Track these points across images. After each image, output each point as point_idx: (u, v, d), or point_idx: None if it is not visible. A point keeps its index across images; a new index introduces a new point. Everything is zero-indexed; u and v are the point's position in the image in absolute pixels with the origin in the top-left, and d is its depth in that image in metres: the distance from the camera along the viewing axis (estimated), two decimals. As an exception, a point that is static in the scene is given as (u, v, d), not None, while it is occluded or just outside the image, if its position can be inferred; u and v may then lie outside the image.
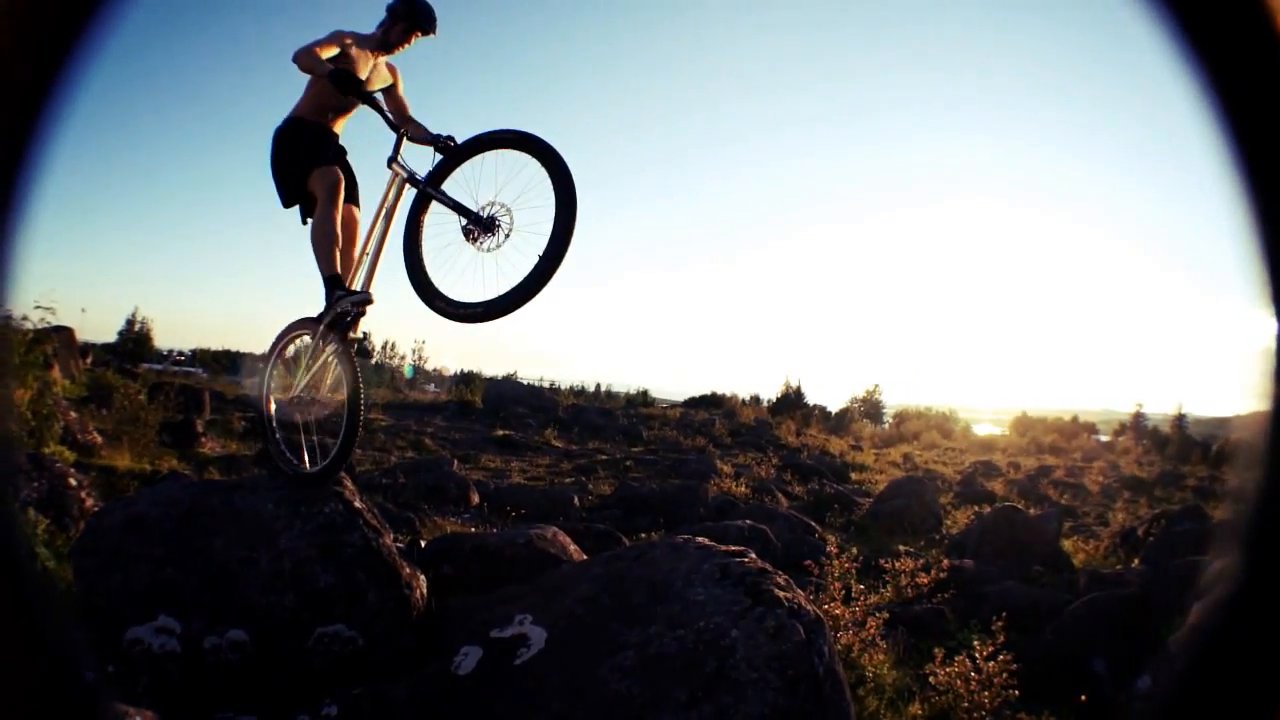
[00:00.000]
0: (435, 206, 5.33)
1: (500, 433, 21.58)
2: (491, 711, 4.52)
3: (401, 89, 5.98)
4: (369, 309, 5.59)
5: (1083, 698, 6.65)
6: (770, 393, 52.59)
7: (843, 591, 7.43)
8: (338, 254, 5.63)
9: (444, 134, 5.52)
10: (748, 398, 48.78)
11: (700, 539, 5.39)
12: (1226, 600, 1.12)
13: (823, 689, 4.34)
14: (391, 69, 5.94)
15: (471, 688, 4.70)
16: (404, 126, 5.66)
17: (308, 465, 5.77)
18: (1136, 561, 12.82)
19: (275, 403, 6.13)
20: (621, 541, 9.76)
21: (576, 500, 13.99)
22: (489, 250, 5.06)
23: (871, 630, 7.00)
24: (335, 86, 5.34)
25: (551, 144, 4.90)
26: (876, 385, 61.64)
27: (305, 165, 5.72)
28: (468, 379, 34.44)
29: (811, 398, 52.95)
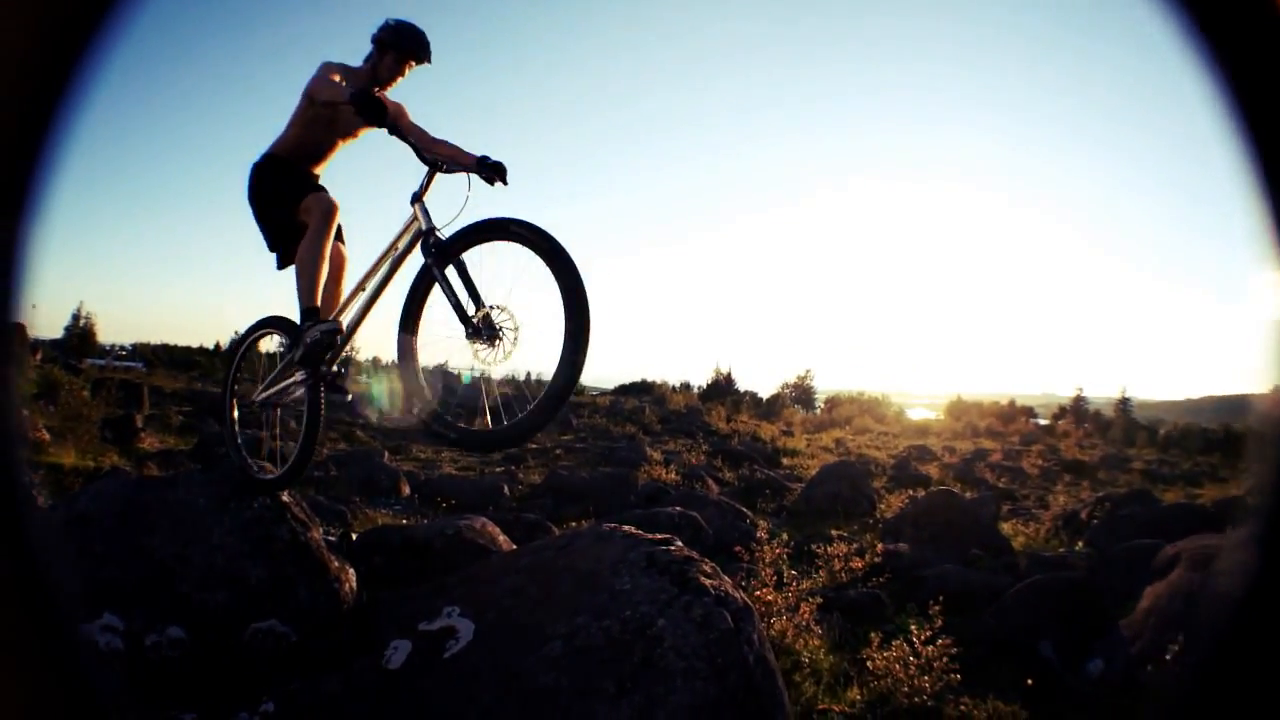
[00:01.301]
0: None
1: None
2: (423, 705, 4.59)
3: (410, 118, 5.67)
4: (338, 343, 5.44)
5: (1029, 681, 6.94)
6: (701, 379, 53.82)
7: (775, 577, 7.60)
8: (321, 287, 5.48)
9: (490, 157, 5.23)
10: (678, 384, 50.20)
11: (626, 527, 5.47)
12: (1244, 589, 1.19)
13: (753, 676, 4.44)
14: (394, 103, 5.60)
15: (403, 682, 4.78)
16: (435, 150, 5.31)
17: (267, 470, 5.94)
18: (1080, 545, 13.33)
19: (238, 401, 6.32)
20: (551, 531, 9.99)
21: (506, 490, 14.56)
22: (485, 363, 4.88)
23: (805, 615, 7.15)
24: (361, 112, 5.02)
25: (574, 263, 4.53)
26: (808, 371, 62.98)
27: (291, 200, 5.63)
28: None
29: (742, 384, 54.40)
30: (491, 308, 4.76)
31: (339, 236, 5.81)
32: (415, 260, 5.12)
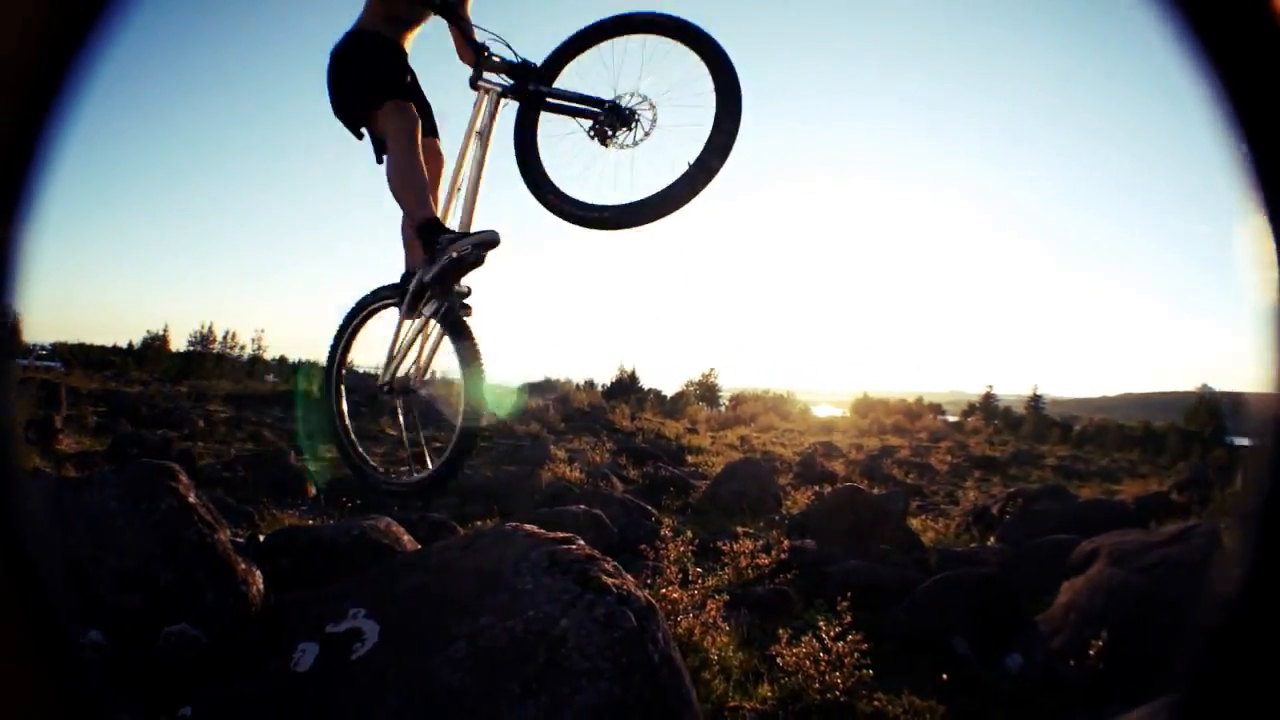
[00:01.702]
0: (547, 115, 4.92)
1: None
2: (332, 708, 4.57)
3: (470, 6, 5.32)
4: (492, 252, 4.91)
5: (945, 677, 7.00)
6: (605, 377, 54.65)
7: (680, 575, 7.63)
8: (429, 196, 5.06)
9: (523, 57, 5.05)
10: (582, 382, 52.03)
11: (528, 526, 5.49)
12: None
13: (659, 675, 4.48)
14: None
15: (312, 685, 4.74)
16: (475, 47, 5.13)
17: (404, 474, 5.56)
18: (993, 540, 13.56)
19: (347, 399, 5.78)
20: (455, 531, 10.01)
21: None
22: (626, 147, 4.69)
23: (712, 613, 7.14)
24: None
25: (699, 26, 4.44)
26: (712, 369, 63.87)
27: (375, 92, 5.12)
28: (306, 368, 35.53)
29: (647, 382, 55.25)
30: (622, 94, 4.63)
31: (432, 132, 5.44)
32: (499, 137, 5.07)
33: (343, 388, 5.72)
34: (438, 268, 4.90)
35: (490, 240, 4.79)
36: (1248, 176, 1.11)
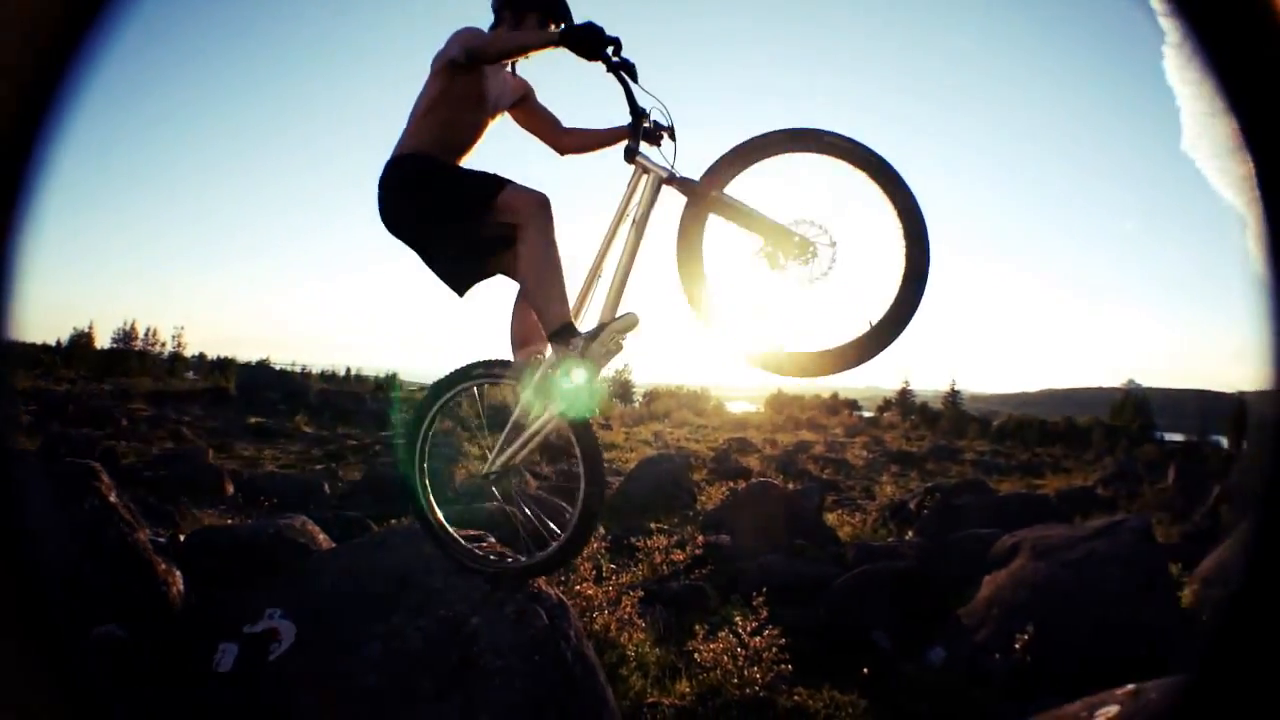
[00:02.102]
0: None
1: (253, 420, 23.27)
2: (255, 710, 4.55)
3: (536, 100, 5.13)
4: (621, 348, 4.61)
5: (865, 671, 7.08)
6: None
7: (594, 571, 7.66)
8: (569, 294, 4.68)
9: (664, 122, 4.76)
10: None
11: None
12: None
13: (573, 673, 4.55)
14: (519, 80, 5.10)
15: (233, 686, 4.72)
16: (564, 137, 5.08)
17: (517, 556, 5.19)
18: (911, 534, 13.74)
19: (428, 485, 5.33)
20: (371, 529, 10.20)
21: (327, 487, 14.82)
22: (807, 281, 4.28)
23: (628, 609, 7.17)
24: (580, 45, 4.33)
25: (882, 155, 4.22)
26: (626, 365, 64.10)
27: (473, 205, 4.65)
28: (223, 365, 35.83)
29: None
30: (799, 222, 4.30)
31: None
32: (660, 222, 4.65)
33: (426, 464, 5.38)
34: (573, 356, 4.57)
35: (630, 325, 4.59)
36: (1248, 179, 1.16)
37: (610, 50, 4.36)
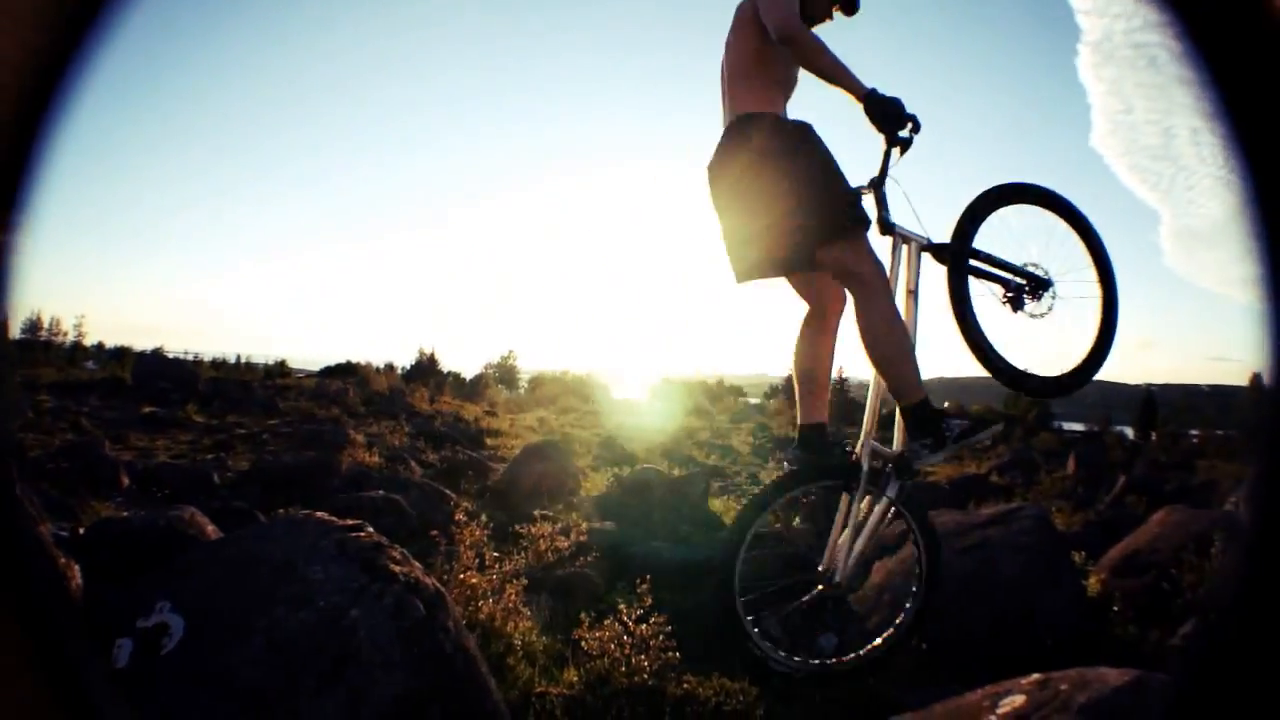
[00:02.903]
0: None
1: (147, 409, 22.98)
2: (152, 706, 4.44)
3: None
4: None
5: (755, 657, 7.08)
6: (405, 360, 55.68)
7: (477, 560, 7.62)
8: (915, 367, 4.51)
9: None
10: (382, 365, 51.89)
11: (319, 514, 5.47)
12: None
13: (453, 665, 4.55)
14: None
15: (131, 682, 4.60)
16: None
17: (830, 657, 5.33)
18: (797, 520, 13.89)
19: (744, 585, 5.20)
20: (258, 519, 9.94)
21: (216, 477, 14.45)
22: (1033, 316, 4.94)
23: (512, 598, 7.15)
24: (882, 117, 4.28)
25: (1077, 205, 4.85)
26: (511, 351, 64.53)
27: (854, 215, 4.44)
28: (119, 355, 36.19)
29: (446, 364, 56.27)
30: (1027, 264, 4.77)
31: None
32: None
33: (741, 560, 5.33)
34: (941, 456, 4.88)
35: (998, 432, 4.86)
36: (1241, 185, 1.15)
37: (907, 130, 4.39)
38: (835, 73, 4.32)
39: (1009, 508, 9.81)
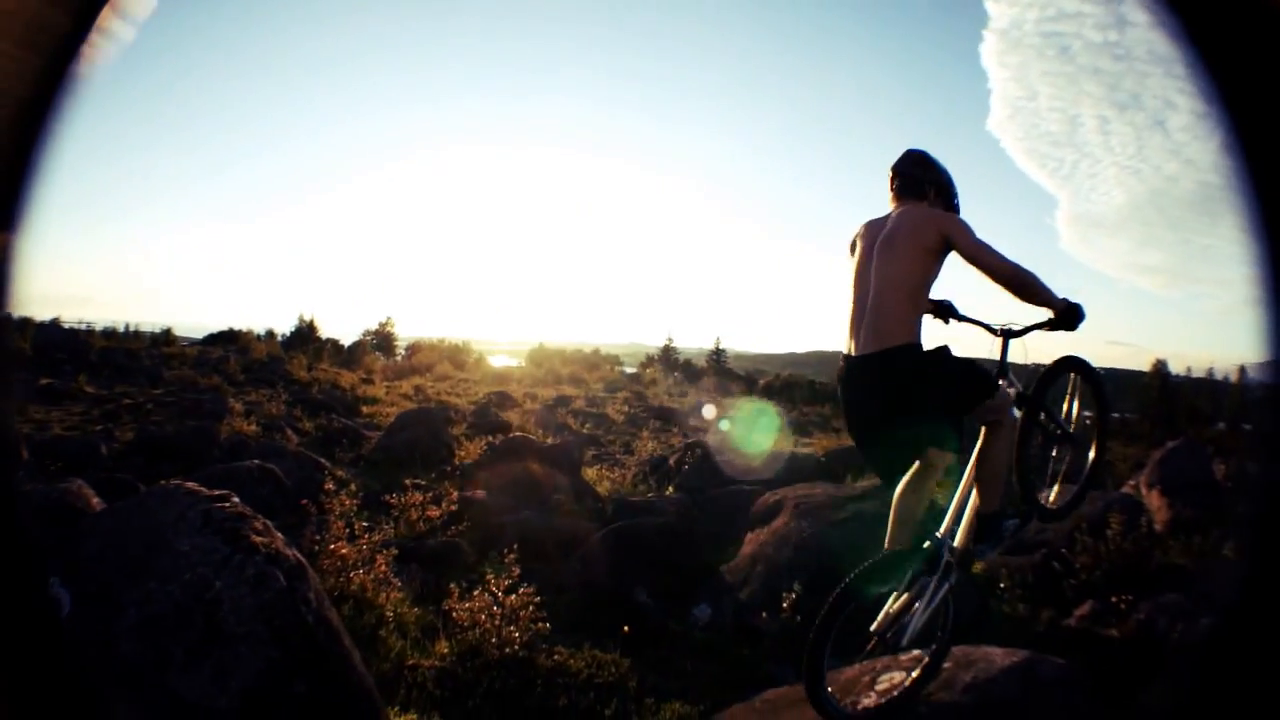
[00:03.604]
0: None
1: (45, 381, 22.54)
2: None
3: None
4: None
5: (626, 629, 7.07)
6: (286, 326, 55.21)
7: (347, 530, 7.52)
8: None
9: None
10: (263, 333, 52.55)
11: (189, 484, 5.29)
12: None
13: (315, 637, 4.48)
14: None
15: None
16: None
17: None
18: (671, 490, 13.96)
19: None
20: (139, 491, 9.57)
21: (104, 449, 14.33)
22: (1052, 457, 5.45)
23: (382, 568, 7.08)
24: (1072, 325, 4.75)
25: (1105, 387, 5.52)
26: (389, 318, 64.09)
27: (991, 382, 4.95)
28: (21, 325, 35.52)
29: (325, 331, 55.88)
30: (1071, 423, 5.37)
31: None
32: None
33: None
34: (994, 549, 5.27)
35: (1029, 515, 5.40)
36: (1239, 185, 1.16)
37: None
38: (1033, 290, 4.76)
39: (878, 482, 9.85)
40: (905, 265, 4.72)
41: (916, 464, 4.95)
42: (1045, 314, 4.81)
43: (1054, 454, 5.46)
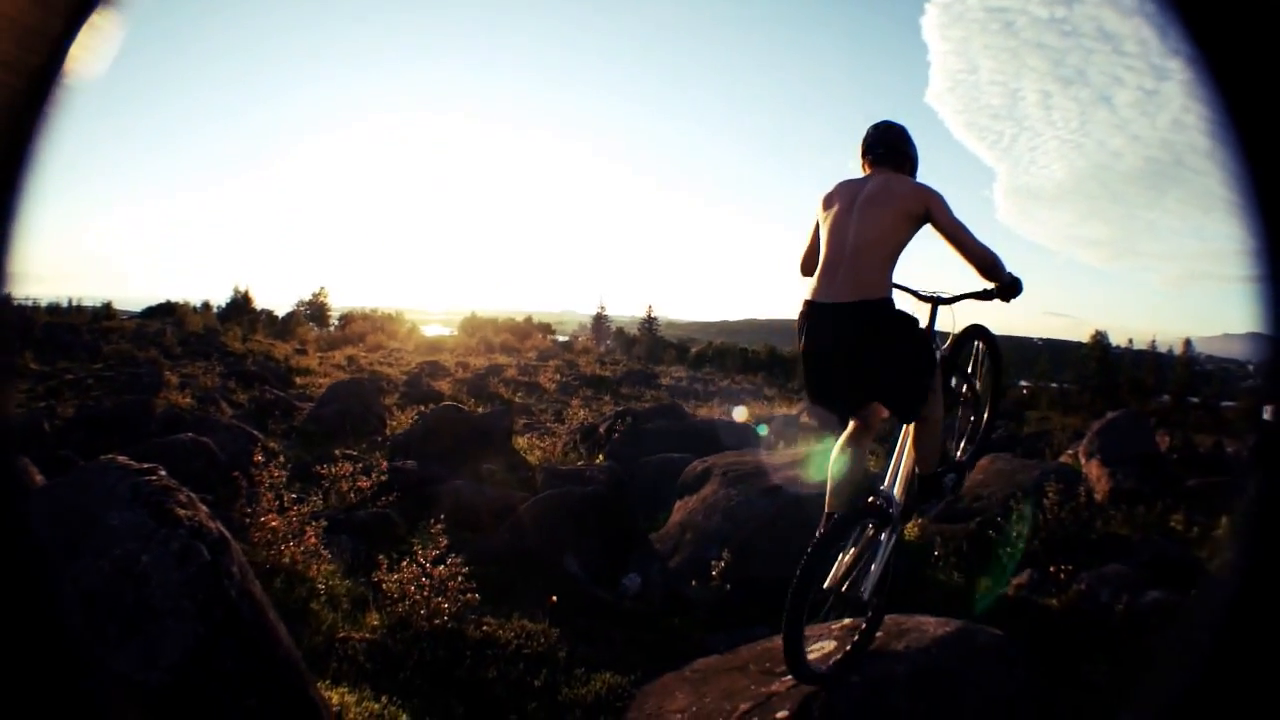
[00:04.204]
0: None
1: None
2: None
3: None
4: None
5: (553, 599, 7.06)
6: (222, 299, 55.25)
7: (277, 502, 7.46)
8: None
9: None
10: (199, 305, 52.80)
11: (121, 458, 5.17)
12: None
13: (239, 612, 4.40)
14: None
15: None
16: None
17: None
18: (601, 458, 13.98)
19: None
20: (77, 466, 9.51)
21: (47, 425, 14.13)
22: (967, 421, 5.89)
23: (312, 540, 7.01)
24: (1010, 296, 5.15)
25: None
26: (323, 288, 63.97)
27: (923, 377, 5.15)
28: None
29: (261, 303, 55.75)
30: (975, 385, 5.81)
31: None
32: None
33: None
34: (937, 505, 5.97)
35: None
36: (1236, 179, 1.17)
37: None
38: (986, 261, 5.08)
39: (814, 449, 9.89)
40: (887, 228, 4.95)
41: (852, 424, 5.21)
42: (979, 285, 5.11)
43: (959, 414, 5.79)
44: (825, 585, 4.85)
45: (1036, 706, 5.08)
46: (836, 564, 4.93)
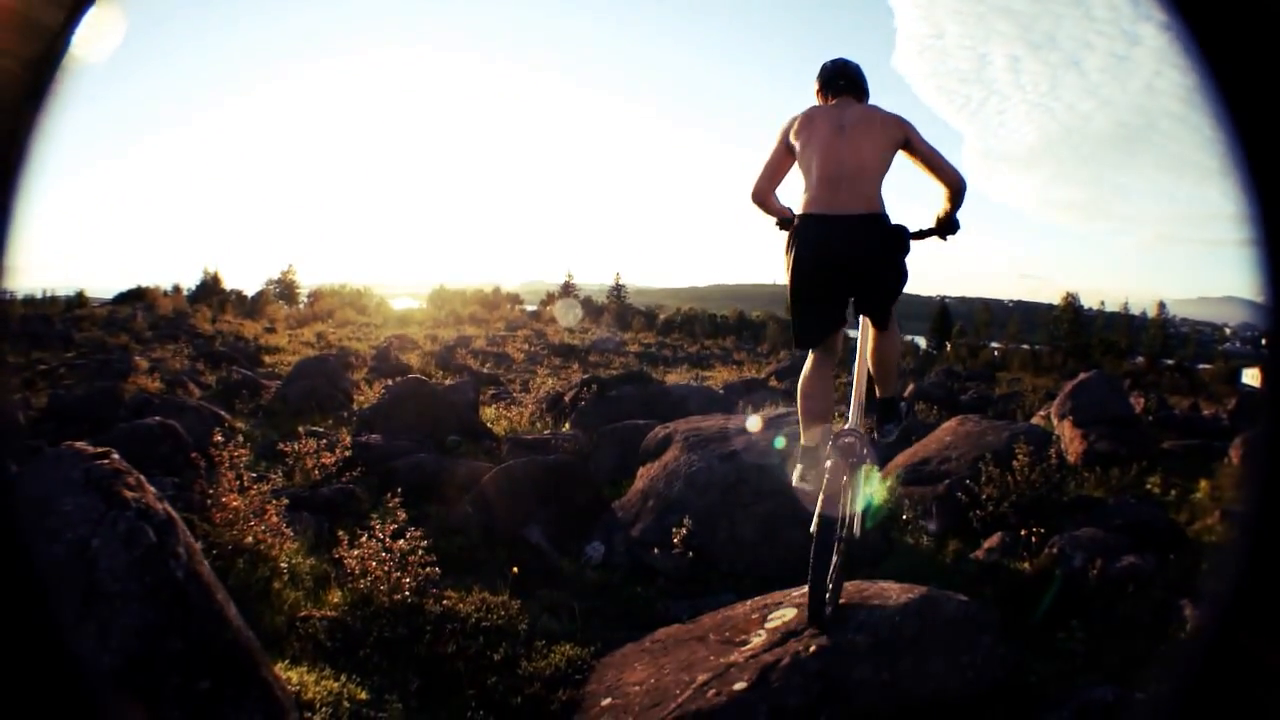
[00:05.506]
0: None
1: None
2: None
3: None
4: None
5: (515, 570, 6.99)
6: (192, 281, 55.62)
7: (238, 481, 7.39)
8: None
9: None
10: (170, 288, 53.42)
11: (78, 444, 5.16)
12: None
13: (186, 594, 4.37)
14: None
15: None
16: None
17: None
18: (567, 426, 13.94)
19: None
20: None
21: (22, 417, 13.68)
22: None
23: (273, 518, 6.99)
24: (950, 234, 5.47)
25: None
26: (291, 266, 64.02)
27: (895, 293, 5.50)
28: None
29: (230, 283, 55.98)
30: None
31: None
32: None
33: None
34: (898, 428, 5.86)
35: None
36: (1236, 173, 1.12)
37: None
38: (951, 181, 5.39)
39: (778, 413, 9.91)
40: (878, 151, 5.25)
41: (812, 356, 5.40)
42: (929, 224, 5.46)
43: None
44: (812, 529, 4.90)
45: (1005, 675, 5.05)
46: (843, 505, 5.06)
